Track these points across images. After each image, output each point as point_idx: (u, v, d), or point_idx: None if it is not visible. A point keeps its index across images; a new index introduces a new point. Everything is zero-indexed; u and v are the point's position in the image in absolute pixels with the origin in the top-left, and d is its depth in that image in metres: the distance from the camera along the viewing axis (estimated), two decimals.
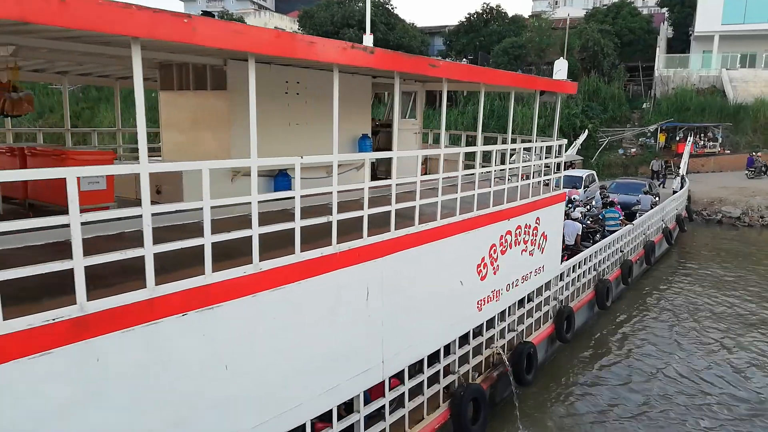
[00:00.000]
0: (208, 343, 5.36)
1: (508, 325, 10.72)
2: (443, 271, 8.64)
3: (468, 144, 15.91)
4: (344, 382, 6.97)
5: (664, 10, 56.16)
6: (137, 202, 4.70)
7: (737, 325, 14.71)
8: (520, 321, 11.19)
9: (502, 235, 10.00)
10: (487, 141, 11.71)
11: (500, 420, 10.04)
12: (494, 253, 9.82)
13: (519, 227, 10.55)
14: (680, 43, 53.45)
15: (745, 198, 30.56)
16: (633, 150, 40.13)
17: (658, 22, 54.01)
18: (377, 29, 53.76)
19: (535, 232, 11.19)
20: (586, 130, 36.67)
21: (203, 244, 5.12)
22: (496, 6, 54.23)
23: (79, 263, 4.31)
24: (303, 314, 6.32)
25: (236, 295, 5.53)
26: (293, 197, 6.08)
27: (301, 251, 6.10)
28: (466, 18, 54.37)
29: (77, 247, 4.30)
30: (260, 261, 5.68)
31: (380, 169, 12.86)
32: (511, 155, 11.48)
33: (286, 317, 6.13)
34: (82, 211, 6.05)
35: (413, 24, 61.37)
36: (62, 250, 4.78)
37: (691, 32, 51.71)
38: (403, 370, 7.98)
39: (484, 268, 9.58)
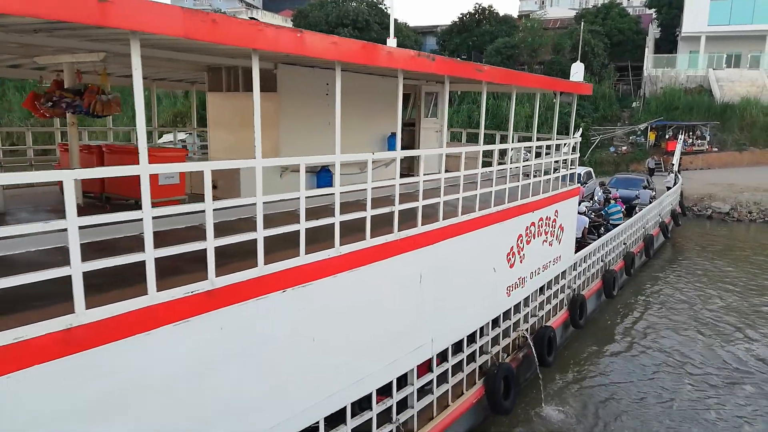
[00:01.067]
0: (301, 317, 6.07)
1: (531, 310, 11.50)
2: (480, 259, 9.39)
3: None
4: (402, 357, 7.70)
5: (652, 11, 57.36)
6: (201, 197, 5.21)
7: (727, 312, 15.66)
8: (541, 307, 11.98)
9: (527, 227, 10.78)
10: (503, 139, 12.47)
11: (525, 398, 10.80)
12: (521, 243, 10.59)
13: (541, 219, 11.33)
14: (667, 44, 54.73)
15: (734, 194, 31.65)
16: (624, 148, 41.18)
17: (646, 23, 55.21)
18: (372, 29, 54.42)
19: (553, 223, 11.99)
20: (580, 129, 37.59)
21: (293, 231, 5.82)
22: (488, 6, 55.12)
23: (210, 245, 5.01)
24: (372, 294, 7.06)
25: (322, 275, 6.24)
26: (361, 190, 6.80)
27: (371, 238, 6.82)
28: (458, 18, 55.19)
29: (210, 231, 4.99)
30: (340, 246, 6.39)
31: (402, 166, 13.57)
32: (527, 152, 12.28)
33: (359, 296, 6.85)
34: (160, 203, 6.85)
35: (406, 24, 62.15)
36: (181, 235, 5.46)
37: (678, 33, 52.98)
38: (447, 348, 8.73)
39: (512, 257, 10.35)
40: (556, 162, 12.01)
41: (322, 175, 10.21)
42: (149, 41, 6.04)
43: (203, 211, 5.00)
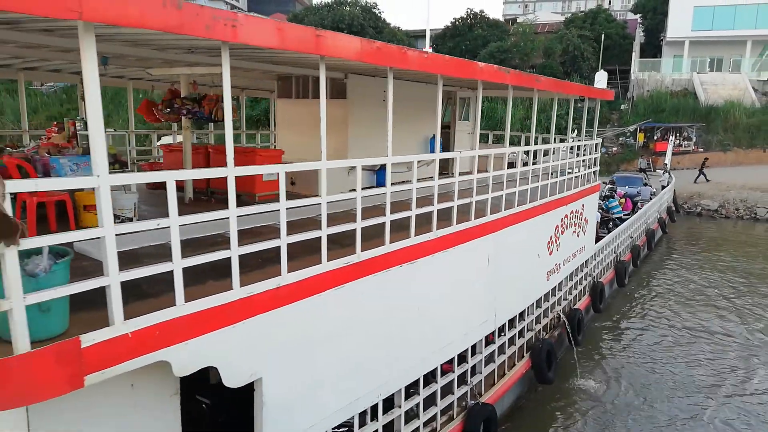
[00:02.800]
0: (411, 288, 7.29)
1: (564, 293, 12.81)
2: (528, 246, 10.67)
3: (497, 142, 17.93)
4: (474, 328, 8.94)
5: (637, 16, 59.25)
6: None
7: (724, 294, 17.21)
8: (570, 291, 13.29)
9: (562, 218, 12.08)
10: (527, 140, 13.79)
11: (561, 372, 12.07)
12: (557, 233, 11.90)
13: (572, 212, 12.65)
14: (652, 48, 56.63)
15: (721, 192, 33.37)
16: (614, 149, 42.82)
17: (633, 27, 57.16)
18: (366, 33, 55.52)
19: (580, 216, 13.32)
20: (576, 130, 39.18)
21: (395, 220, 7.03)
22: (480, 11, 56.62)
23: (359, 226, 6.21)
24: (457, 271, 8.30)
25: (424, 254, 7.45)
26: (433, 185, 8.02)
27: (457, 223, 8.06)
28: (451, 22, 56.57)
29: (359, 214, 6.18)
30: (437, 229, 7.62)
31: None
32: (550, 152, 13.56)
33: (449, 274, 8.08)
34: (265, 197, 8.03)
35: (398, 27, 63.36)
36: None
37: (663, 38, 54.91)
38: (505, 324, 9.99)
39: (551, 245, 11.65)
40: (584, 161, 13.33)
41: (380, 173, 11.42)
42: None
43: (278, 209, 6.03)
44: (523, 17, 77.38)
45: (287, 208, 5.55)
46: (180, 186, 9.39)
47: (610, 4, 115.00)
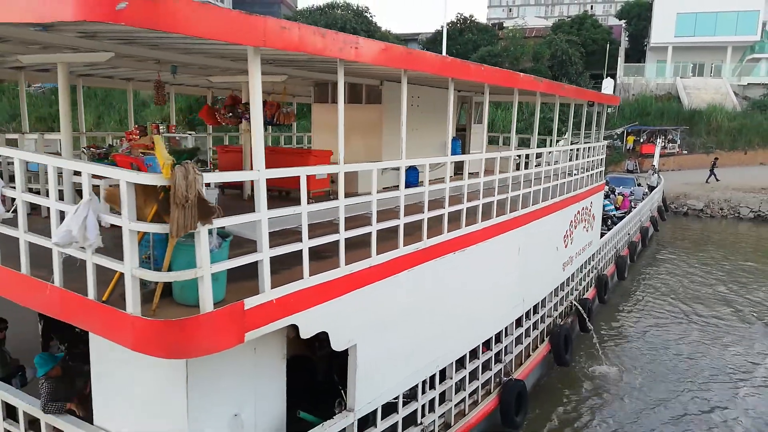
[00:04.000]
0: (462, 274, 8.27)
1: (575, 284, 13.86)
2: (549, 239, 11.69)
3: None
4: (508, 311, 9.95)
5: (622, 22, 60.90)
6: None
7: (712, 284, 18.47)
8: (580, 282, 14.35)
9: (575, 214, 13.14)
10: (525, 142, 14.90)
11: (574, 355, 13.12)
12: (571, 227, 12.95)
13: (583, 208, 13.72)
14: (636, 53, 58.31)
15: (706, 193, 34.80)
16: None
17: (617, 33, 58.79)
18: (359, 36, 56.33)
19: (589, 213, 14.39)
20: (566, 133, 40.50)
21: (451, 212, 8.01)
22: (470, 16, 57.87)
23: (425, 216, 7.17)
24: (496, 260, 9.29)
25: (471, 243, 8.43)
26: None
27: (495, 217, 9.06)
28: (442, 27, 57.68)
29: (425, 206, 7.14)
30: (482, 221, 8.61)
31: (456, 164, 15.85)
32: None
33: (490, 261, 9.07)
34: (316, 194, 8.94)
35: (389, 31, 64.39)
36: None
37: (646, 43, 56.60)
38: (530, 309, 10.99)
39: (566, 239, 12.69)
40: (592, 161, 14.42)
41: (410, 172, 12.36)
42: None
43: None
44: (512, 22, 78.74)
45: (346, 205, 6.27)
46: (237, 185, 10.31)
47: (592, 9, 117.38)
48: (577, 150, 13.24)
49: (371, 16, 60.61)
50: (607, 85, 16.44)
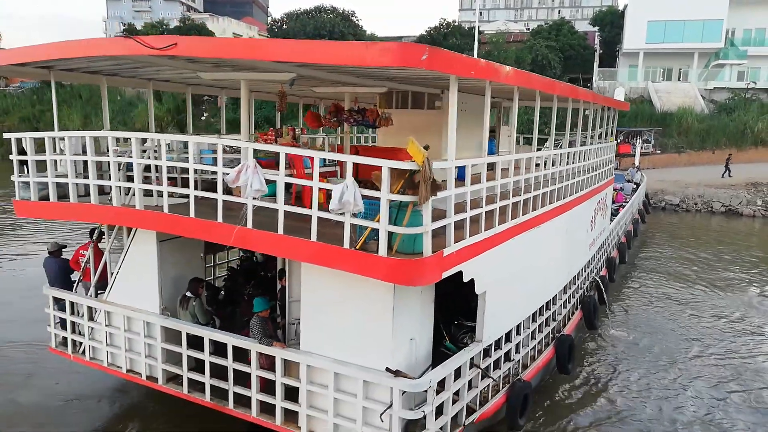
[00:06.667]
0: (541, 244, 10.54)
1: (596, 263, 16.28)
2: (581, 223, 14.03)
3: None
4: (561, 278, 12.27)
5: (596, 28, 64.23)
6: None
7: (695, 263, 21.19)
8: (598, 262, 16.78)
9: (597, 203, 15.54)
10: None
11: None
12: (594, 214, 15.34)
13: (602, 199, 16.13)
14: (609, 58, 61.67)
15: (681, 189, 37.88)
16: None
17: (592, 39, 62.04)
18: (347, 39, 58.46)
19: (604, 203, 16.83)
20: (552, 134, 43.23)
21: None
22: (453, 21, 60.43)
23: (532, 195, 9.39)
24: (557, 235, 11.59)
25: (543, 222, 10.67)
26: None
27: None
28: (426, 32, 60.12)
29: (522, 192, 9.39)
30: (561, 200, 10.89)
31: None
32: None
33: (554, 236, 11.36)
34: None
35: (374, 34, 66.51)
36: None
37: (619, 49, 59.97)
38: (571, 280, 13.31)
39: (592, 223, 15.07)
40: (608, 160, 16.86)
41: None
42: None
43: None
44: (493, 27, 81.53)
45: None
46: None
47: (560, 13, 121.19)
48: (599, 149, 15.62)
49: (358, 20, 62.60)
50: (619, 93, 18.68)
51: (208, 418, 9.22)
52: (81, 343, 10.24)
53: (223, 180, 7.48)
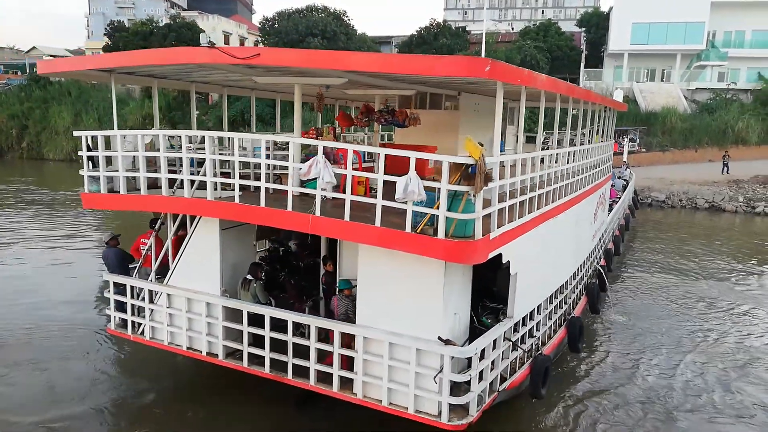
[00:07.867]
0: (559, 233, 11.66)
1: (597, 252, 17.48)
2: (586, 214, 15.20)
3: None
4: (571, 265, 13.40)
5: (582, 30, 65.82)
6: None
7: (684, 253, 22.56)
8: (599, 252, 18.00)
9: (599, 197, 16.73)
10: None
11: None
12: (596, 207, 16.53)
13: (602, 194, 17.34)
14: (595, 59, 63.29)
15: (666, 186, 39.40)
16: None
17: (578, 40, 63.63)
18: (339, 39, 59.28)
19: (604, 197, 18.04)
20: (544, 133, 44.61)
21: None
22: (443, 21, 61.59)
23: (554, 187, 10.51)
24: (569, 225, 12.72)
25: (561, 212, 11.80)
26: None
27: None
28: (417, 32, 61.22)
29: (545, 184, 10.50)
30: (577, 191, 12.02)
31: None
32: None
33: (568, 225, 12.49)
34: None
35: (364, 33, 67.44)
36: None
37: (604, 50, 61.58)
38: (578, 266, 14.47)
39: (594, 216, 16.26)
40: (608, 158, 18.07)
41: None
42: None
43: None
44: (480, 27, 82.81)
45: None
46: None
47: (543, 14, 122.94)
48: (600, 147, 16.82)
49: (349, 20, 63.49)
50: (618, 95, 19.88)
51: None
52: (140, 324, 11.17)
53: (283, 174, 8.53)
